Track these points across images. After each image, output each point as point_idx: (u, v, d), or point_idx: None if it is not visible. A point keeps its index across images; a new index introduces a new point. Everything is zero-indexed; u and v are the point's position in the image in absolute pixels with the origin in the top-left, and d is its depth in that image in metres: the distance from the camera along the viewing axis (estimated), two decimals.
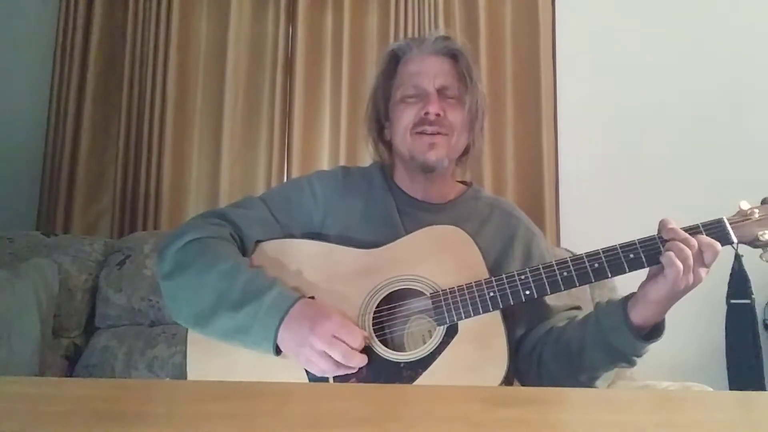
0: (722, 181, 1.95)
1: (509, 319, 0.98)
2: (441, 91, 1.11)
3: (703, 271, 0.87)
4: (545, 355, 1.03)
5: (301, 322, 0.91)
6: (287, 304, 0.93)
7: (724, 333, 0.99)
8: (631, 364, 0.96)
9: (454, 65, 1.13)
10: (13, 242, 1.78)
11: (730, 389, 1.00)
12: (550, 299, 1.05)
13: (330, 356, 0.90)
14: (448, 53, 1.14)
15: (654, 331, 0.94)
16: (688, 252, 0.86)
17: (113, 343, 1.67)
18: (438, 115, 1.08)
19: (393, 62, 1.18)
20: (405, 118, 1.11)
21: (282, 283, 0.98)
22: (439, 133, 1.09)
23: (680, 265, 0.85)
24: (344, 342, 0.90)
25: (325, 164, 2.20)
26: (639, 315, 0.91)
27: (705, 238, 0.87)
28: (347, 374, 0.93)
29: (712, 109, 2.11)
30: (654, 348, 0.96)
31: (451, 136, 1.11)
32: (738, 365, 0.99)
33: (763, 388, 0.97)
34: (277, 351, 0.93)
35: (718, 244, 0.87)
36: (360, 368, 0.93)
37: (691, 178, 2.06)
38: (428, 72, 1.12)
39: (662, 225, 0.91)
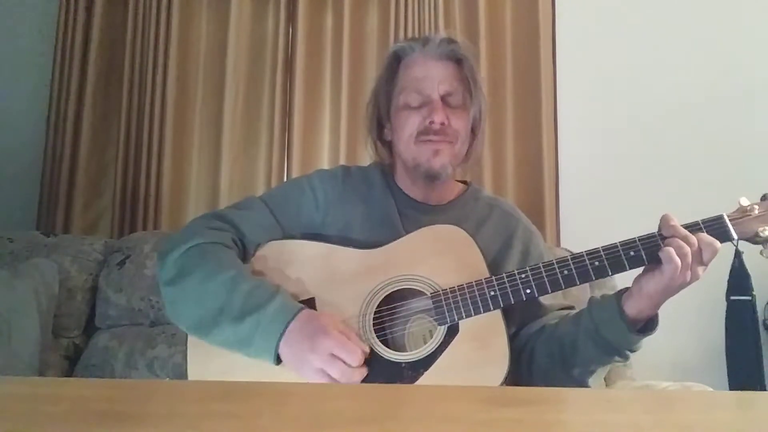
0: (722, 179, 1.96)
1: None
2: (445, 98, 1.10)
3: (700, 269, 0.88)
4: (537, 352, 1.03)
5: (301, 339, 0.91)
6: (287, 318, 0.93)
7: (724, 331, 0.99)
8: (625, 358, 0.96)
9: (458, 69, 1.12)
10: (13, 242, 1.78)
11: (730, 389, 1.00)
12: (545, 298, 1.05)
13: (328, 374, 0.90)
14: (453, 58, 1.12)
15: (647, 325, 0.94)
16: (688, 250, 0.86)
17: (113, 343, 1.67)
18: (443, 124, 1.08)
19: (395, 63, 1.16)
20: (409, 125, 1.10)
21: (284, 291, 0.98)
22: (444, 141, 1.09)
23: (679, 262, 0.85)
24: (343, 361, 0.90)
25: (325, 164, 2.20)
26: (633, 307, 0.91)
27: (705, 237, 0.87)
28: None
29: (712, 108, 2.11)
30: (654, 348, 0.96)
31: (456, 144, 1.11)
32: (738, 365, 0.99)
33: (763, 388, 0.97)
34: (278, 361, 0.93)
35: (717, 243, 0.88)
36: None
37: (691, 176, 2.06)
38: (432, 78, 1.10)
39: (663, 221, 0.91)
